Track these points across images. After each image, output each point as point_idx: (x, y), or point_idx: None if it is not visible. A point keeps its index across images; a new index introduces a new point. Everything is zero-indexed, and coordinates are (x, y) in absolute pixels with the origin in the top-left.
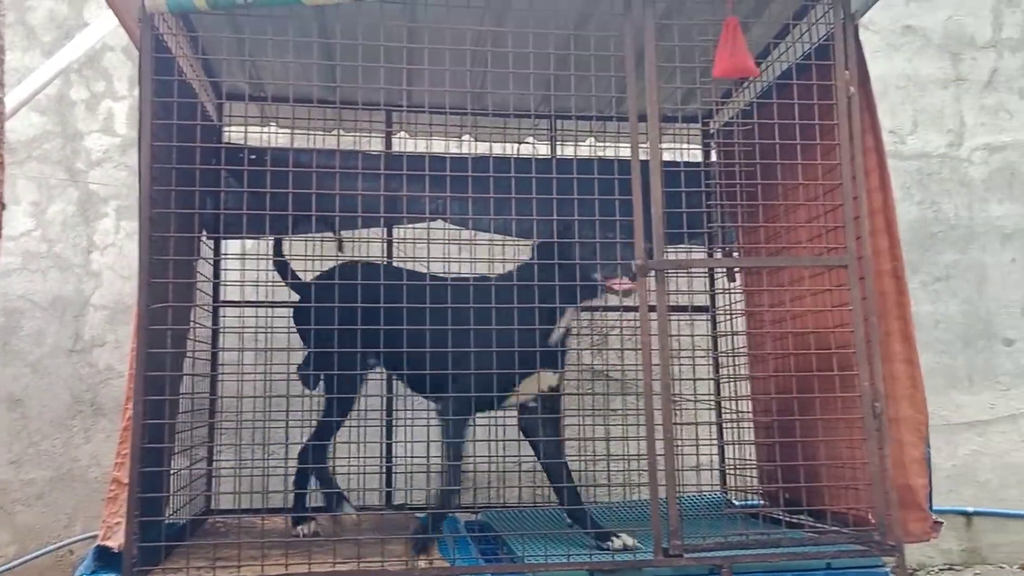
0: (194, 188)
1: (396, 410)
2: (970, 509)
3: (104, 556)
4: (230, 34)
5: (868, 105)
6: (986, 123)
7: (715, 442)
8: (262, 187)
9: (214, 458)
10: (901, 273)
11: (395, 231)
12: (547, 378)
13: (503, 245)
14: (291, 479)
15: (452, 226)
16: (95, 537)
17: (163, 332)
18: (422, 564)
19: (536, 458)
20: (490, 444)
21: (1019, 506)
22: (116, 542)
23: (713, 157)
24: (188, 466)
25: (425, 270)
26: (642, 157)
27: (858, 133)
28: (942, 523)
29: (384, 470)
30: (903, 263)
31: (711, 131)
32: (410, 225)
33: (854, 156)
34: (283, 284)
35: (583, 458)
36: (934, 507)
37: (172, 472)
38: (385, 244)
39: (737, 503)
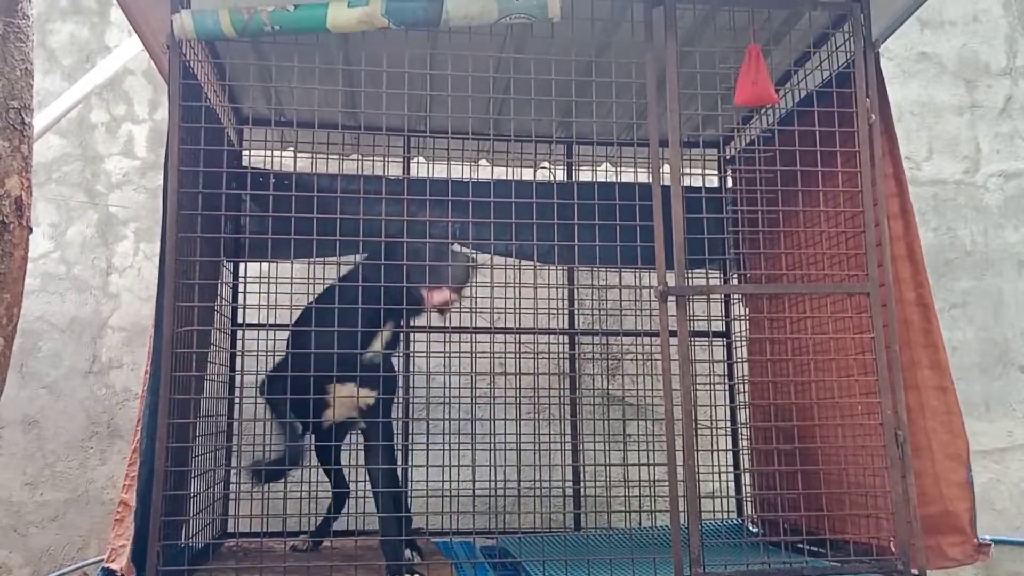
0: (219, 212)
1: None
2: (987, 537)
3: None
4: (255, 61)
5: (887, 131)
6: (1001, 150)
7: (732, 470)
8: (284, 211)
9: (231, 481)
10: (928, 301)
11: None
12: (363, 395)
13: (519, 269)
14: (310, 501)
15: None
16: None
17: (188, 355)
18: None
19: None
20: (505, 469)
21: None
22: (119, 564)
23: (730, 183)
24: (206, 489)
25: None
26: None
27: (879, 159)
28: (990, 545)
29: None
30: (929, 290)
31: (730, 157)
32: None
33: (875, 182)
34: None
35: (598, 483)
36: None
37: (191, 496)
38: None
39: (755, 530)
